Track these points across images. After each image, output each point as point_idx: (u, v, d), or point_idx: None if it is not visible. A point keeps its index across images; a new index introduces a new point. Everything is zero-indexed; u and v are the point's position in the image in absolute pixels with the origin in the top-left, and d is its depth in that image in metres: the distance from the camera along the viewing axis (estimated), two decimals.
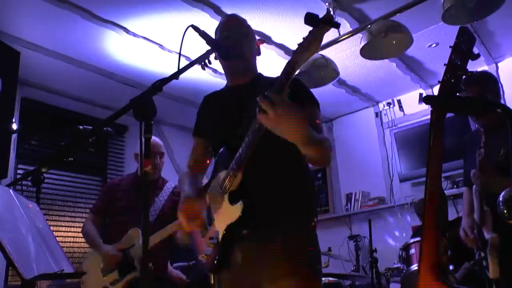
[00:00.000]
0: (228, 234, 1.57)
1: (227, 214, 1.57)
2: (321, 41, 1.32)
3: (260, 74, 1.84)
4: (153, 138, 3.08)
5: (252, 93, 1.49)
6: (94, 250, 2.91)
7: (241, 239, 1.58)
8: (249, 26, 1.84)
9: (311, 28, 1.31)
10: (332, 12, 3.21)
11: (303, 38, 1.33)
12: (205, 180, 1.86)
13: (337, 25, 1.31)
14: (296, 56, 1.35)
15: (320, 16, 1.30)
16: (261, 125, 1.40)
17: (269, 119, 1.32)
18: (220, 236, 1.59)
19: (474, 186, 2.26)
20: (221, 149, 1.72)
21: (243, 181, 1.56)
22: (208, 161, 1.90)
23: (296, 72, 1.38)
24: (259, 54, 1.85)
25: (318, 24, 1.29)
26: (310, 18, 1.29)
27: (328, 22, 1.29)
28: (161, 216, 2.93)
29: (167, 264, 3.09)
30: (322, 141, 1.52)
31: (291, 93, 1.41)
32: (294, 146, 1.49)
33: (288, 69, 1.36)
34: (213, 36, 1.73)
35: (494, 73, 4.13)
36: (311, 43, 1.31)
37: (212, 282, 1.73)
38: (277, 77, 1.39)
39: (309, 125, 1.44)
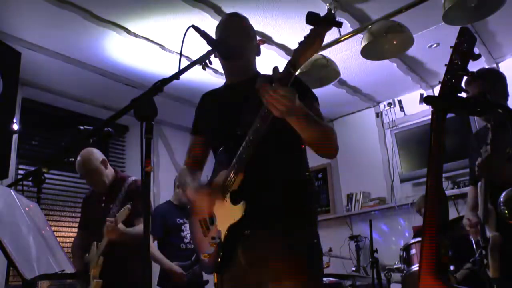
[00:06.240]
0: (230, 234, 1.57)
1: (229, 214, 1.56)
2: (322, 40, 1.31)
3: (258, 72, 1.83)
4: (83, 154, 2.89)
5: (249, 92, 1.49)
6: None
7: (243, 239, 1.58)
8: (249, 25, 1.83)
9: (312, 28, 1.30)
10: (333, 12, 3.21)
11: (305, 37, 1.32)
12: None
13: (339, 24, 1.30)
14: (297, 55, 1.33)
15: (322, 15, 1.29)
16: (268, 113, 1.39)
17: (271, 97, 1.32)
18: (222, 236, 1.59)
19: (479, 183, 2.24)
20: (220, 149, 1.72)
21: (245, 181, 1.55)
22: (205, 160, 1.90)
23: (297, 72, 1.37)
24: (259, 53, 1.84)
25: (320, 23, 1.28)
26: (311, 17, 1.27)
27: (330, 21, 1.28)
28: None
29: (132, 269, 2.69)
30: (325, 121, 1.54)
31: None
32: (295, 146, 1.48)
33: (289, 68, 1.35)
34: (213, 35, 1.73)
35: None
36: (313, 42, 1.30)
37: (215, 281, 1.73)
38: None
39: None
